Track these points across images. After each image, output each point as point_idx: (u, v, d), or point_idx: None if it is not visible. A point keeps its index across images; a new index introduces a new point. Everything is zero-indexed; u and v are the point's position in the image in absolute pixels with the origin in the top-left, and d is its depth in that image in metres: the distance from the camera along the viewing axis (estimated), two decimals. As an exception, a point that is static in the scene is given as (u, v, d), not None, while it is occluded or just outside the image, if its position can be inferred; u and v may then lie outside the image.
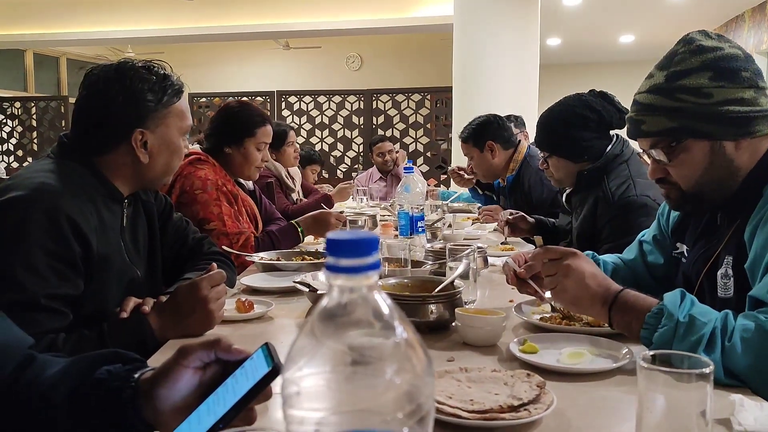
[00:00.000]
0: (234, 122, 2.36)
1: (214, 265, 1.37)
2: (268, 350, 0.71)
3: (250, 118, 2.37)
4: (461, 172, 3.55)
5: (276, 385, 0.68)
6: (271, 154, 3.86)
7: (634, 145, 2.05)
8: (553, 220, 2.58)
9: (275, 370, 0.67)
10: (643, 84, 1.30)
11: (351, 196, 3.91)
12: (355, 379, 0.40)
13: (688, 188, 1.27)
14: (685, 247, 1.43)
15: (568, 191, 2.22)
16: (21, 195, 1.20)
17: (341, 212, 2.44)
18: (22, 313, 1.11)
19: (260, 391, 0.67)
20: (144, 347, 1.22)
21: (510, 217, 2.47)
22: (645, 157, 1.35)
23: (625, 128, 1.42)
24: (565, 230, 2.32)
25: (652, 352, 0.72)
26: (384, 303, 0.41)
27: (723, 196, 1.25)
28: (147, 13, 7.90)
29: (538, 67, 5.40)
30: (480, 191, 3.52)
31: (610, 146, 2.05)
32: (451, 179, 3.67)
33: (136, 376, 0.77)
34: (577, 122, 2.04)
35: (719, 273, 1.24)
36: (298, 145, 3.81)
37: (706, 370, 0.68)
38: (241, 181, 2.51)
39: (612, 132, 2.11)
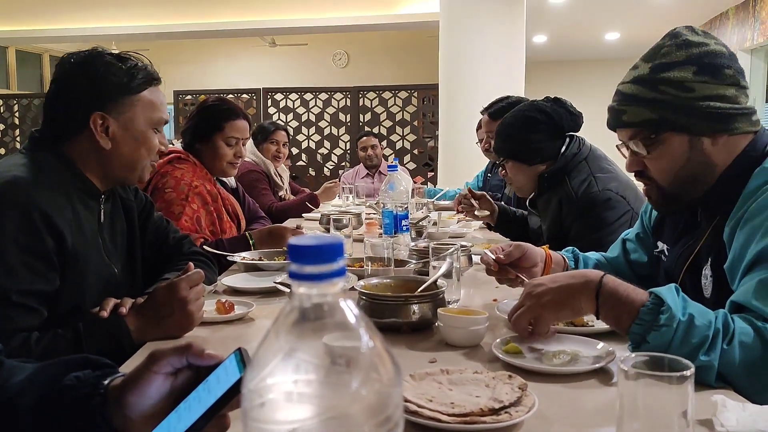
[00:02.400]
0: (203, 117, 2.33)
1: (191, 264, 1.35)
2: (241, 356, 0.69)
3: (219, 112, 2.33)
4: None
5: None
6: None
7: (597, 141, 2.09)
8: (518, 210, 2.60)
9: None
10: (627, 74, 1.30)
11: (337, 195, 3.88)
12: (320, 389, 0.39)
13: (666, 184, 1.27)
14: (665, 246, 1.43)
15: (531, 197, 2.23)
16: None
17: (298, 227, 2.37)
18: None
19: (232, 397, 0.65)
20: (121, 348, 1.20)
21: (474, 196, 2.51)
22: (623, 150, 1.34)
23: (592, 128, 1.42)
24: (537, 233, 2.33)
25: (633, 354, 0.71)
26: (350, 311, 0.40)
27: (700, 191, 1.25)
28: (131, 9, 7.82)
29: (524, 64, 5.40)
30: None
31: (565, 147, 2.07)
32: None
33: (106, 382, 0.75)
34: (527, 125, 2.08)
35: (702, 272, 1.24)
36: (285, 149, 3.80)
37: (687, 372, 0.67)
38: (224, 179, 2.48)
39: (568, 134, 2.12)
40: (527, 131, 2.07)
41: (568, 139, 2.08)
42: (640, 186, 1.42)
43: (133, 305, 1.28)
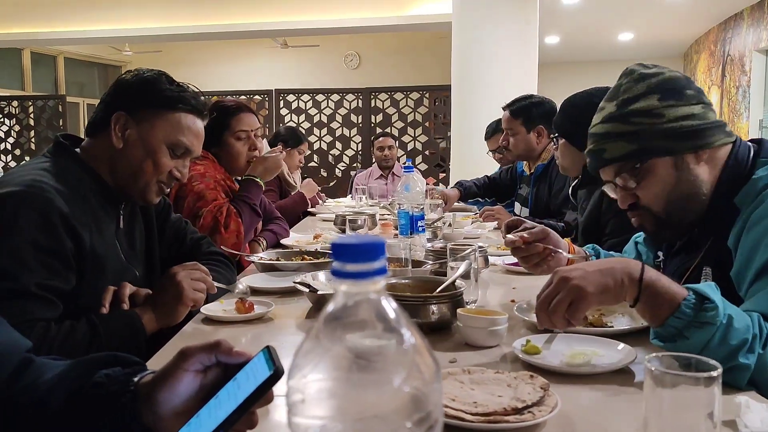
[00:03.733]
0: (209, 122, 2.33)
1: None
2: (270, 353, 0.70)
3: (222, 111, 2.28)
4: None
5: (277, 388, 0.67)
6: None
7: None
8: (555, 223, 2.60)
9: (277, 374, 0.66)
10: (595, 118, 1.36)
11: (318, 188, 3.96)
12: (361, 386, 0.39)
13: (659, 210, 1.28)
14: (662, 257, 1.44)
15: (573, 184, 2.22)
16: (13, 191, 1.19)
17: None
18: (12, 301, 1.13)
19: (262, 395, 0.66)
20: (136, 333, 1.26)
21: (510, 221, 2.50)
22: (610, 192, 1.35)
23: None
24: (571, 226, 2.32)
25: (660, 354, 0.71)
26: (391, 308, 0.40)
27: (694, 213, 1.27)
28: (145, 11, 7.88)
29: (537, 65, 5.38)
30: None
31: None
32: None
33: (136, 379, 0.76)
34: (590, 109, 2.05)
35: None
36: (303, 159, 4.01)
37: (715, 373, 0.67)
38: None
39: None
40: (588, 116, 2.05)
41: None
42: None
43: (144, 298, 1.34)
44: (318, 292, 1.46)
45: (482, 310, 1.29)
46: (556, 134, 2.17)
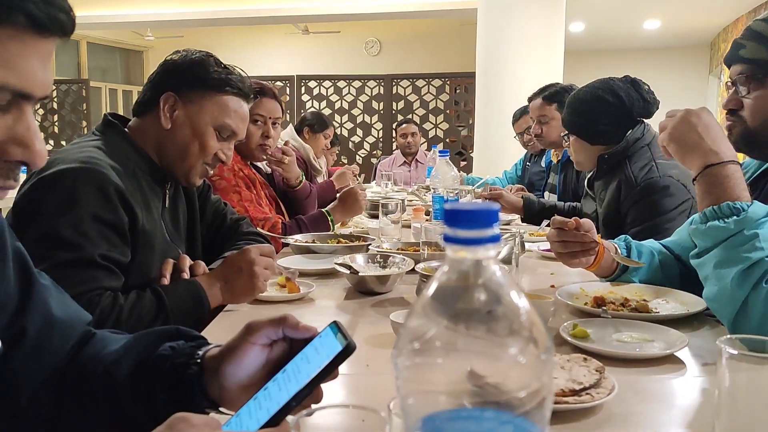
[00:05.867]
0: None
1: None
2: (338, 328, 0.70)
3: (256, 96, 2.28)
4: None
5: (347, 364, 0.67)
6: (305, 136, 3.89)
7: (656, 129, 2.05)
8: (546, 201, 2.61)
9: (349, 348, 0.66)
10: (763, 15, 1.31)
11: (350, 180, 3.89)
12: (475, 355, 0.39)
13: (754, 125, 1.27)
14: None
15: (589, 176, 2.21)
16: (69, 167, 1.21)
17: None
18: (80, 270, 1.14)
19: (333, 369, 0.66)
20: (201, 304, 1.26)
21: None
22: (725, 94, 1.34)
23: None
24: (590, 218, 2.29)
25: (732, 336, 0.70)
26: (504, 278, 0.40)
27: None
28: (167, -4, 7.90)
29: (563, 53, 5.32)
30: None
31: (630, 131, 2.03)
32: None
33: (201, 352, 0.77)
34: (596, 105, 2.04)
35: None
36: (329, 144, 4.03)
37: (792, 356, 0.66)
38: (259, 165, 2.46)
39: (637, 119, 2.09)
40: (595, 111, 2.04)
41: (635, 125, 2.04)
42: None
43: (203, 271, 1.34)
44: (359, 274, 1.46)
45: (527, 294, 1.28)
46: (566, 133, 2.16)
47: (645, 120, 2.08)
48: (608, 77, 2.14)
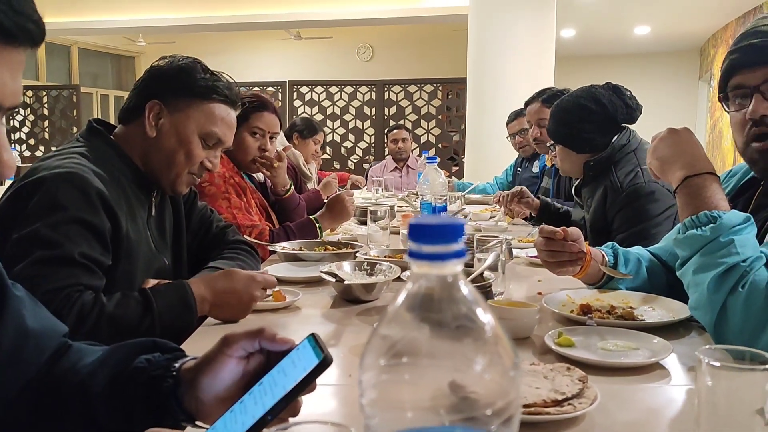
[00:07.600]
0: None
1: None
2: (315, 341, 0.69)
3: (244, 102, 2.22)
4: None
5: (324, 376, 0.66)
6: (295, 142, 3.87)
7: (643, 135, 2.05)
8: (561, 206, 2.59)
9: (325, 362, 0.65)
10: None
11: (336, 189, 3.86)
12: (440, 372, 0.38)
13: None
14: None
15: (576, 183, 2.22)
16: (53, 173, 1.20)
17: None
18: (59, 267, 1.12)
19: (310, 382, 0.65)
20: (188, 310, 1.22)
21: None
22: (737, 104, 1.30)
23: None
24: (579, 225, 2.30)
25: (712, 347, 0.70)
26: (470, 293, 0.39)
27: None
28: (159, 2, 7.89)
29: (553, 58, 5.34)
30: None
31: (615, 138, 2.04)
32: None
33: (177, 365, 0.76)
34: (580, 113, 2.05)
35: None
36: (320, 149, 4.05)
37: (770, 366, 0.66)
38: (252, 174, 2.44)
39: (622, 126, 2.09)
40: (579, 120, 2.05)
41: (620, 131, 2.05)
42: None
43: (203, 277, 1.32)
44: (345, 282, 1.46)
45: (512, 302, 1.28)
46: (552, 143, 2.16)
47: (630, 126, 2.09)
48: (590, 85, 2.16)
